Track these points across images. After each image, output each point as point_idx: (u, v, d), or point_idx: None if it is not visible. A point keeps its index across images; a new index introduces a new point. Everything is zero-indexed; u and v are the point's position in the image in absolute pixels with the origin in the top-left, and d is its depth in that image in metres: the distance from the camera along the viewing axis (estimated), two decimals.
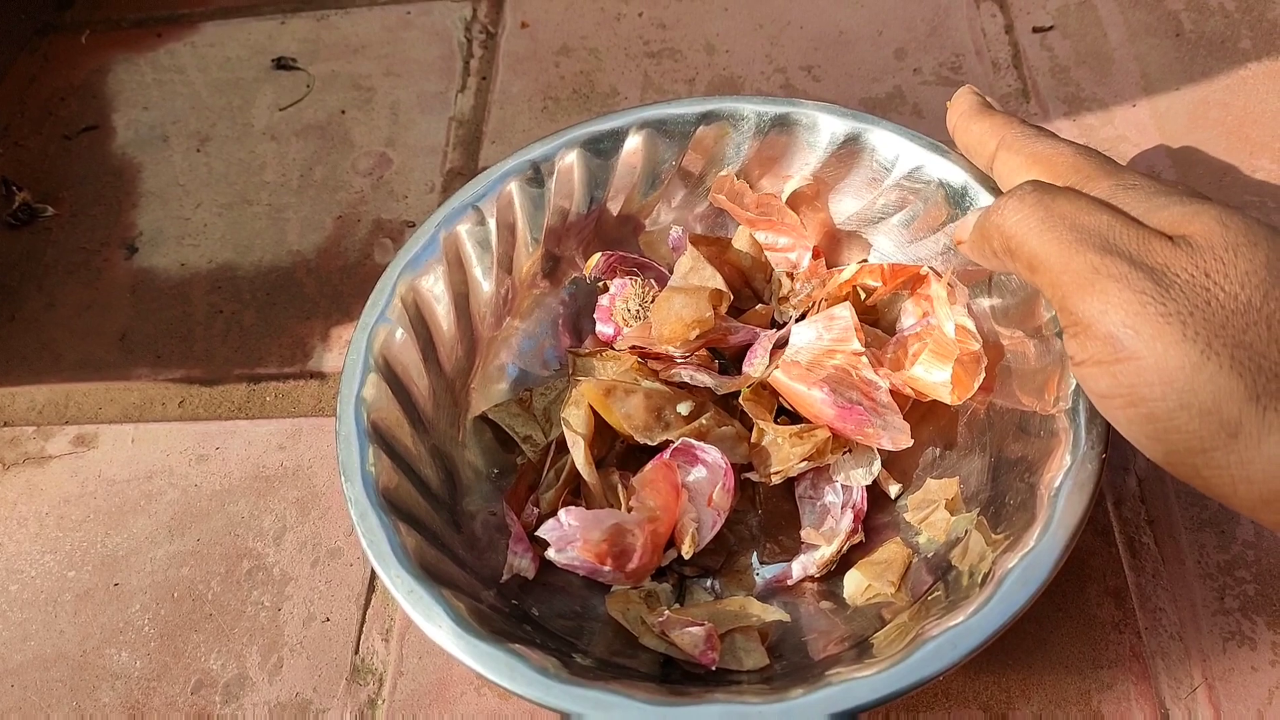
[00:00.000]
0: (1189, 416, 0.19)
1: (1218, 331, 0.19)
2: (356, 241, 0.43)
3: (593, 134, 0.34)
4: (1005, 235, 0.23)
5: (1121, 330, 0.20)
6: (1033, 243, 0.22)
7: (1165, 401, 0.20)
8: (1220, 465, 0.20)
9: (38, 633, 0.34)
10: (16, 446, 0.39)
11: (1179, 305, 0.20)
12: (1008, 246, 0.23)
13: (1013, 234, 0.23)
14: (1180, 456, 0.20)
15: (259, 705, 0.32)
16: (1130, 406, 0.20)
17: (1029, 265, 0.23)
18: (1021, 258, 0.23)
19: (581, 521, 0.28)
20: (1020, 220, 0.23)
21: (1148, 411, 0.20)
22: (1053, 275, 0.22)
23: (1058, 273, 0.22)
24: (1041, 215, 0.22)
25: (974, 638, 0.23)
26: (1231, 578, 0.31)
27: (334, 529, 0.35)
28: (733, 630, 0.28)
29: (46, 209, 0.46)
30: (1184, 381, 0.19)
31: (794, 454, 0.29)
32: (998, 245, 0.24)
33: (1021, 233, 0.23)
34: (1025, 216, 0.23)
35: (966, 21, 0.47)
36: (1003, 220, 0.23)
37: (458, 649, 0.24)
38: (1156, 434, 0.20)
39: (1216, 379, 0.19)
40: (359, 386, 0.28)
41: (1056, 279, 0.22)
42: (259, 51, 0.51)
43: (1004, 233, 0.23)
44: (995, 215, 0.24)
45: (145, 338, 0.41)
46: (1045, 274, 0.22)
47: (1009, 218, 0.23)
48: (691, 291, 0.31)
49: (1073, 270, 0.21)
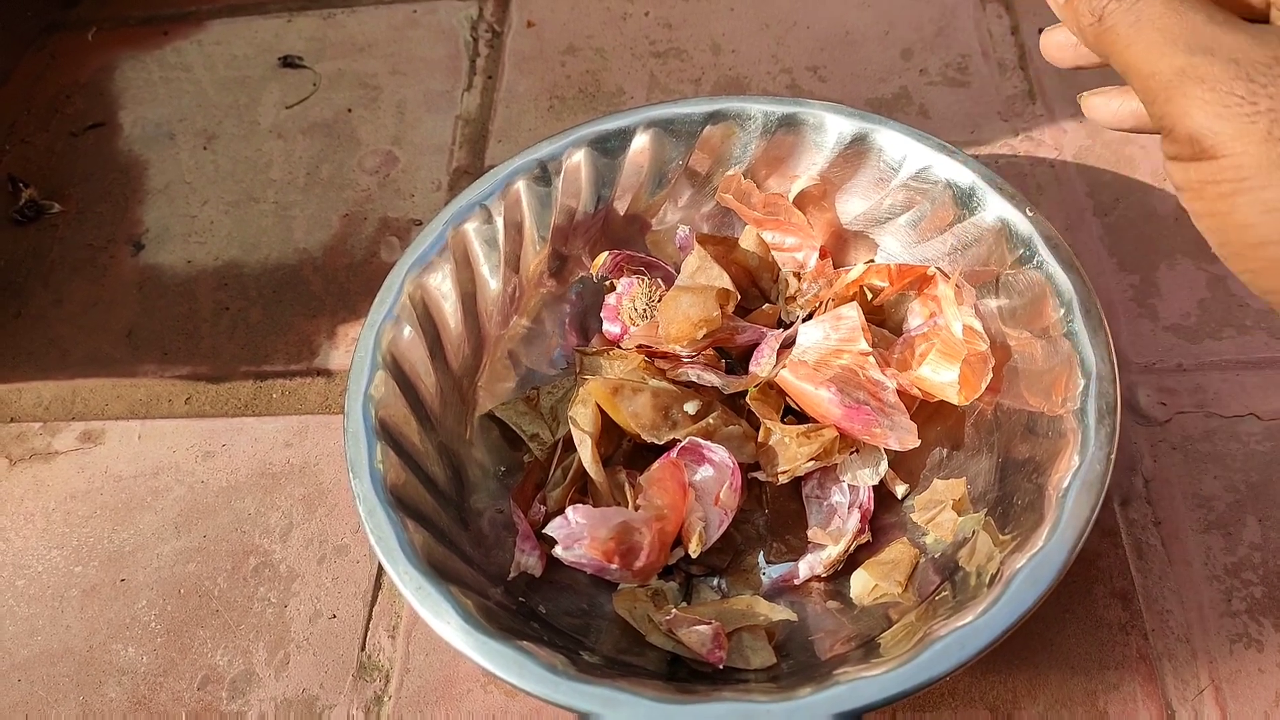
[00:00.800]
0: (1254, 211, 0.20)
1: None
2: (363, 239, 0.43)
3: (600, 133, 0.34)
4: (1098, 33, 0.23)
5: (1203, 130, 0.20)
6: (1122, 46, 0.22)
7: (1233, 197, 0.20)
8: (1273, 258, 0.20)
9: (44, 628, 0.34)
10: (23, 442, 0.39)
11: (1273, 103, 0.20)
12: (1100, 47, 0.23)
13: (1105, 33, 0.23)
14: (1237, 248, 0.21)
15: (265, 701, 0.32)
16: (1200, 199, 0.21)
17: (1121, 67, 0.23)
18: (1114, 59, 0.23)
19: (589, 519, 0.28)
20: (1112, 19, 0.23)
21: (1214, 206, 0.21)
22: (1141, 79, 0.22)
23: (1146, 76, 0.22)
24: (1131, 16, 0.22)
25: (982, 638, 0.23)
26: (1239, 580, 0.31)
27: (340, 526, 0.35)
28: (740, 629, 0.28)
29: (53, 206, 0.47)
30: (1257, 179, 0.19)
31: (801, 454, 0.29)
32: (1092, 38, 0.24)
33: (1113, 34, 0.23)
34: (1117, 15, 0.23)
35: (973, 22, 0.47)
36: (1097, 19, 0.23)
37: (466, 646, 0.24)
38: (1218, 226, 0.21)
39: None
40: (367, 384, 0.28)
41: (1145, 83, 0.22)
42: (265, 49, 0.51)
43: (1098, 36, 0.23)
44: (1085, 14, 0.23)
45: (152, 334, 0.41)
46: (1135, 79, 0.22)
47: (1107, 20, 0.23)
48: (698, 291, 0.31)
49: (1160, 73, 0.21)
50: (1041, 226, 0.29)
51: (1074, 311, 0.27)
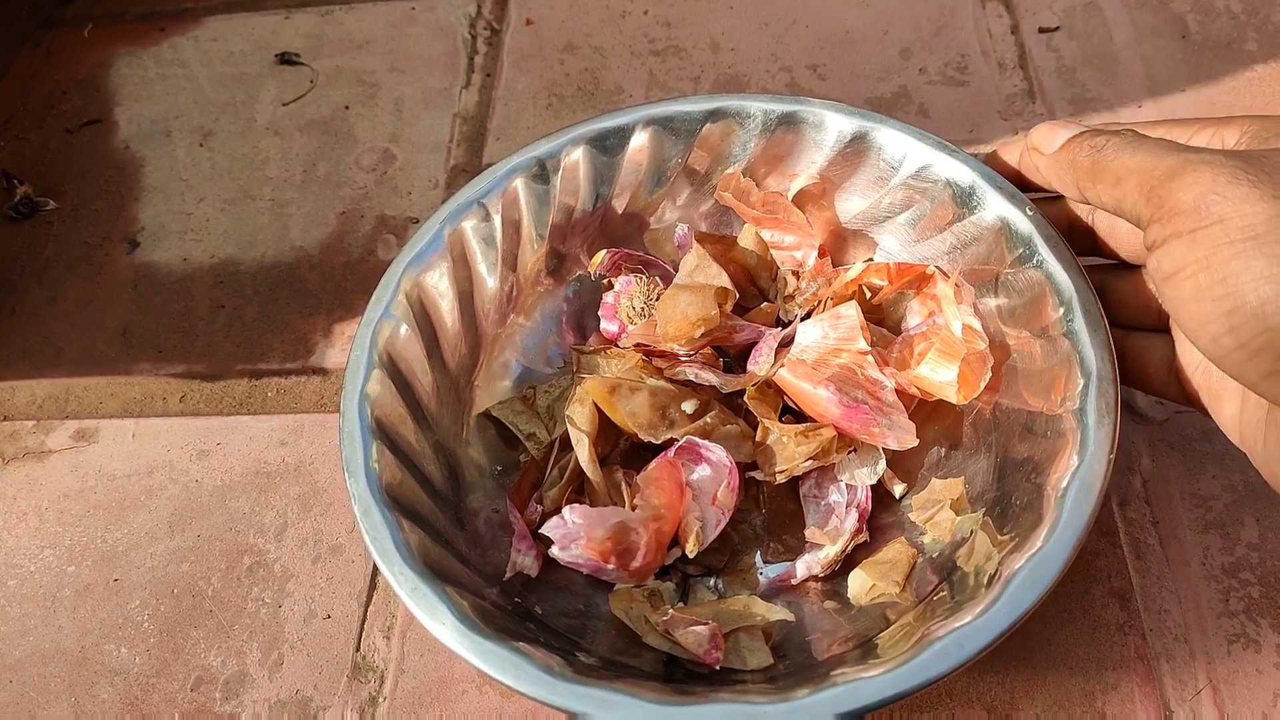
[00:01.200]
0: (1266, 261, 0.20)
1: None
2: (359, 237, 0.43)
3: (599, 131, 0.33)
4: (1094, 160, 0.25)
5: (1209, 198, 0.21)
6: (1123, 159, 0.24)
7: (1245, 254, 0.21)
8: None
9: (36, 628, 0.34)
10: (16, 441, 0.39)
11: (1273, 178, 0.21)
12: (1094, 170, 0.25)
13: (1102, 158, 0.25)
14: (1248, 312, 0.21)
15: (259, 702, 0.31)
16: (1204, 271, 0.22)
17: (1115, 179, 0.24)
18: (1108, 176, 0.25)
19: (585, 519, 0.28)
20: (1113, 149, 0.25)
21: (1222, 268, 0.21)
22: (1143, 175, 0.23)
23: (1148, 172, 0.23)
24: (1135, 143, 0.24)
25: (981, 639, 0.23)
26: (1236, 580, 0.31)
27: (335, 525, 0.35)
28: (737, 629, 0.28)
29: (48, 203, 0.46)
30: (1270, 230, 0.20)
31: (799, 453, 0.29)
32: (1086, 165, 0.25)
33: (1112, 156, 0.25)
34: (1118, 145, 0.25)
35: (972, 21, 0.47)
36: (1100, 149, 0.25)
37: (461, 646, 0.24)
38: (1227, 292, 0.21)
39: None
40: (363, 382, 0.28)
41: (1147, 178, 0.23)
42: (262, 46, 0.51)
43: (1094, 164, 0.25)
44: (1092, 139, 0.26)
45: (147, 332, 0.41)
46: (1135, 178, 0.24)
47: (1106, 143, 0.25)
48: (697, 289, 0.31)
49: (1165, 166, 0.23)
50: (1041, 226, 0.29)
51: (1074, 311, 0.27)
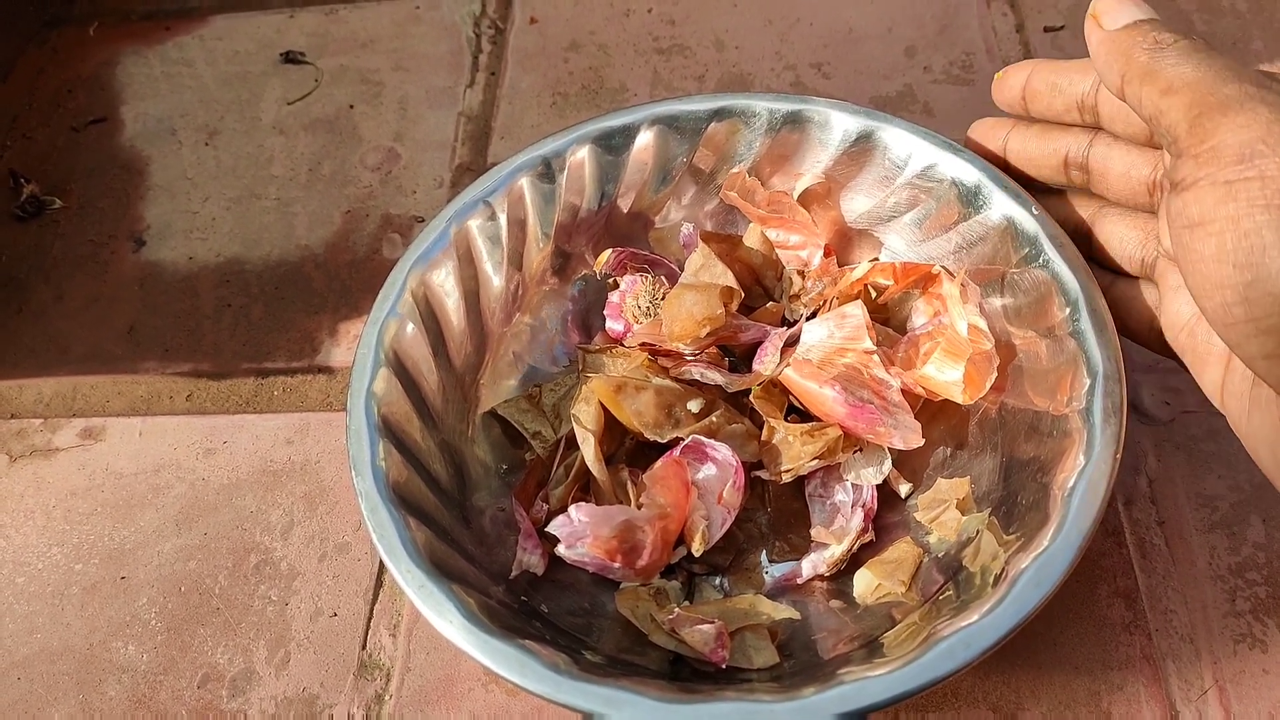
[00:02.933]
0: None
1: None
2: (365, 236, 0.43)
3: (604, 130, 0.33)
4: (1153, 57, 0.23)
5: (1258, 147, 0.20)
6: (1183, 68, 0.22)
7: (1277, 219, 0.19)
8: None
9: (44, 625, 0.34)
10: (24, 439, 0.39)
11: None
12: (1150, 69, 0.23)
13: (1162, 58, 0.23)
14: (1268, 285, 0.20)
15: (266, 700, 0.31)
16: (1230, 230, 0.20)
17: (1166, 87, 0.22)
18: (1160, 80, 0.22)
19: (591, 518, 0.28)
20: (1176, 51, 0.22)
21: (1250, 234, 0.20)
22: (1197, 94, 0.21)
23: (1203, 93, 0.21)
24: (1201, 54, 0.22)
25: (987, 638, 0.23)
26: (1243, 580, 0.31)
27: (342, 524, 0.35)
28: (742, 628, 0.28)
29: (54, 201, 0.46)
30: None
31: (805, 452, 0.29)
32: (1142, 60, 0.23)
33: (1172, 60, 0.22)
34: (1183, 50, 0.22)
35: (977, 20, 0.47)
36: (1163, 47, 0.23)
37: (468, 644, 0.24)
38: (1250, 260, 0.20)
39: None
40: (369, 381, 0.28)
41: (1200, 98, 0.21)
42: (267, 45, 0.51)
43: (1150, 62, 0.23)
44: (1158, 33, 0.23)
45: (153, 331, 0.41)
46: (1185, 94, 0.22)
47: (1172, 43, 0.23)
48: (702, 289, 0.31)
49: (1222, 94, 0.21)
50: (1047, 225, 0.29)
51: (1080, 310, 0.27)
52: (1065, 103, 0.29)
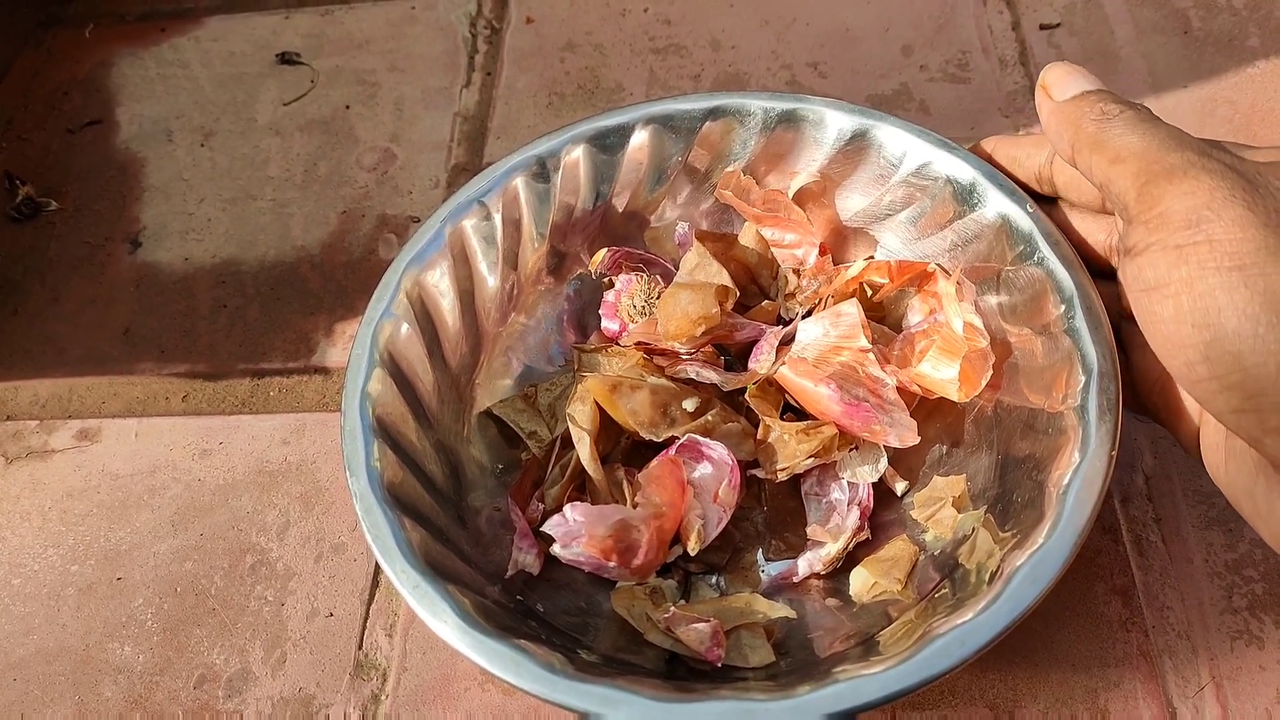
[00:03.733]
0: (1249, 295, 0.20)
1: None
2: (361, 237, 0.43)
3: (599, 129, 0.33)
4: (1100, 128, 0.24)
5: (1203, 212, 0.21)
6: (1129, 138, 0.23)
7: (1229, 282, 0.20)
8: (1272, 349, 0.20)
9: (40, 627, 0.34)
10: (19, 440, 0.39)
11: (1268, 204, 0.20)
12: (1097, 139, 0.24)
13: (1108, 128, 0.23)
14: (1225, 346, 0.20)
15: (262, 700, 0.31)
16: (1186, 293, 0.21)
17: (1114, 156, 0.23)
18: (1108, 150, 0.23)
19: (587, 517, 0.28)
20: (1122, 122, 0.23)
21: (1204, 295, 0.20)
22: (1142, 163, 0.22)
23: (1149, 162, 0.22)
24: (1146, 124, 0.23)
25: (982, 635, 0.23)
26: (1239, 576, 0.31)
27: (338, 524, 0.35)
28: (738, 627, 0.28)
29: (50, 203, 0.46)
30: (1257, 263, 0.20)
31: (800, 451, 0.29)
32: (1089, 131, 0.24)
33: (1117, 130, 0.23)
34: (1129, 120, 0.23)
35: (973, 18, 0.47)
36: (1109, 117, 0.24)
37: (463, 644, 0.24)
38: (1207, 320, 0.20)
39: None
40: (364, 381, 0.28)
41: (1145, 166, 0.22)
42: (263, 46, 0.51)
43: (1098, 132, 0.24)
44: (1105, 104, 0.24)
45: (149, 332, 0.41)
46: (1134, 163, 0.22)
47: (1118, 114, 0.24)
48: (697, 288, 0.31)
49: (1166, 162, 0.22)
50: (1041, 223, 0.29)
51: (1075, 308, 0.27)
52: (1025, 174, 0.30)
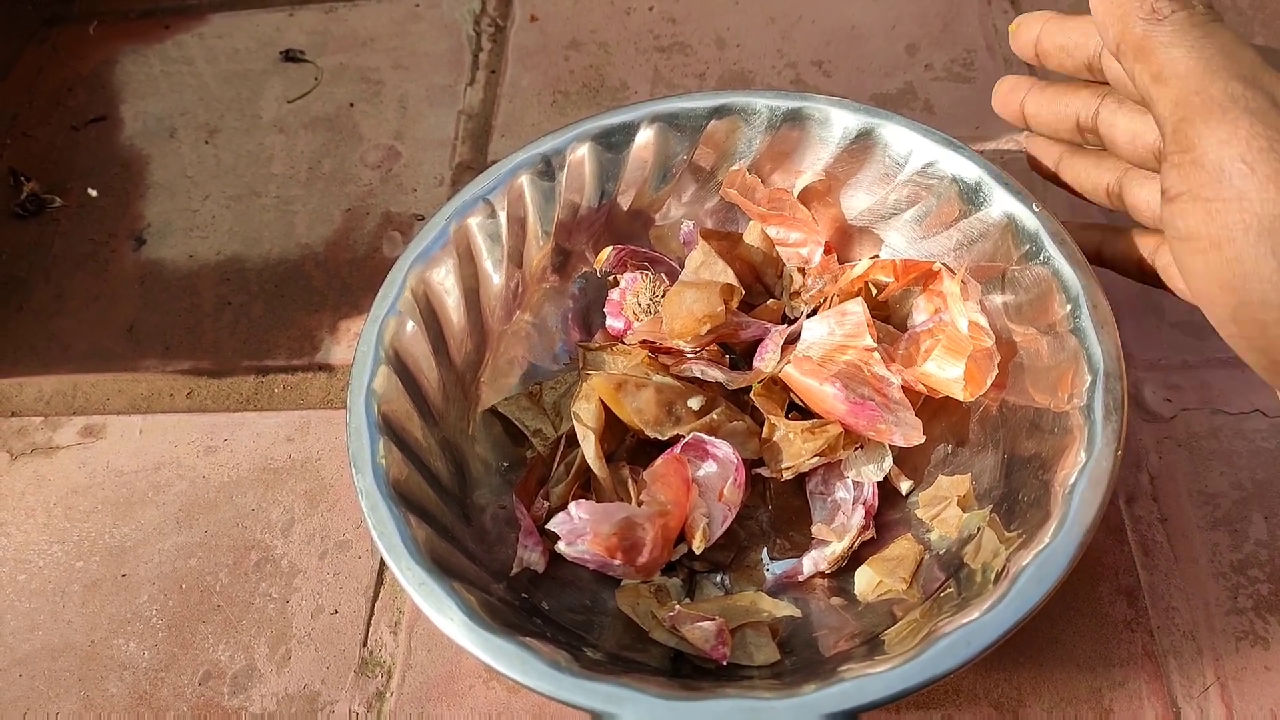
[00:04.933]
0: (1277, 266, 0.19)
1: None
2: (365, 234, 0.43)
3: (604, 127, 0.33)
4: (1147, 31, 0.21)
5: (1237, 165, 0.19)
6: (1174, 51, 0.21)
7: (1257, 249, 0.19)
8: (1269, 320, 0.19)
9: (46, 623, 0.34)
10: (24, 437, 0.39)
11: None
12: (1143, 45, 0.21)
13: (1156, 34, 0.21)
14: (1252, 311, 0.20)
15: (267, 697, 0.31)
16: (1214, 251, 0.20)
17: (1156, 72, 0.21)
18: (1152, 61, 0.21)
19: (592, 515, 0.28)
20: (1173, 26, 0.21)
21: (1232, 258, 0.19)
22: (1183, 92, 0.20)
23: (1190, 91, 0.20)
24: (1198, 30, 0.21)
25: (988, 635, 0.23)
26: (1245, 577, 0.31)
27: (342, 521, 0.35)
28: (743, 625, 0.28)
29: (54, 200, 0.46)
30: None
31: (805, 449, 0.29)
32: (1137, 33, 0.21)
33: (1166, 38, 0.21)
34: (1181, 24, 0.21)
35: (978, 18, 0.47)
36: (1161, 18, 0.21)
37: (469, 642, 0.24)
38: (1234, 284, 0.20)
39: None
40: (370, 378, 0.28)
41: (1185, 97, 0.20)
42: (267, 44, 0.51)
43: (1145, 36, 0.21)
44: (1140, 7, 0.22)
45: (153, 329, 0.41)
46: (1173, 86, 0.21)
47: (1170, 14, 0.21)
48: (703, 286, 0.31)
49: (1207, 93, 0.20)
50: (1048, 222, 0.29)
51: (1080, 307, 0.27)
52: (1075, 65, 0.28)
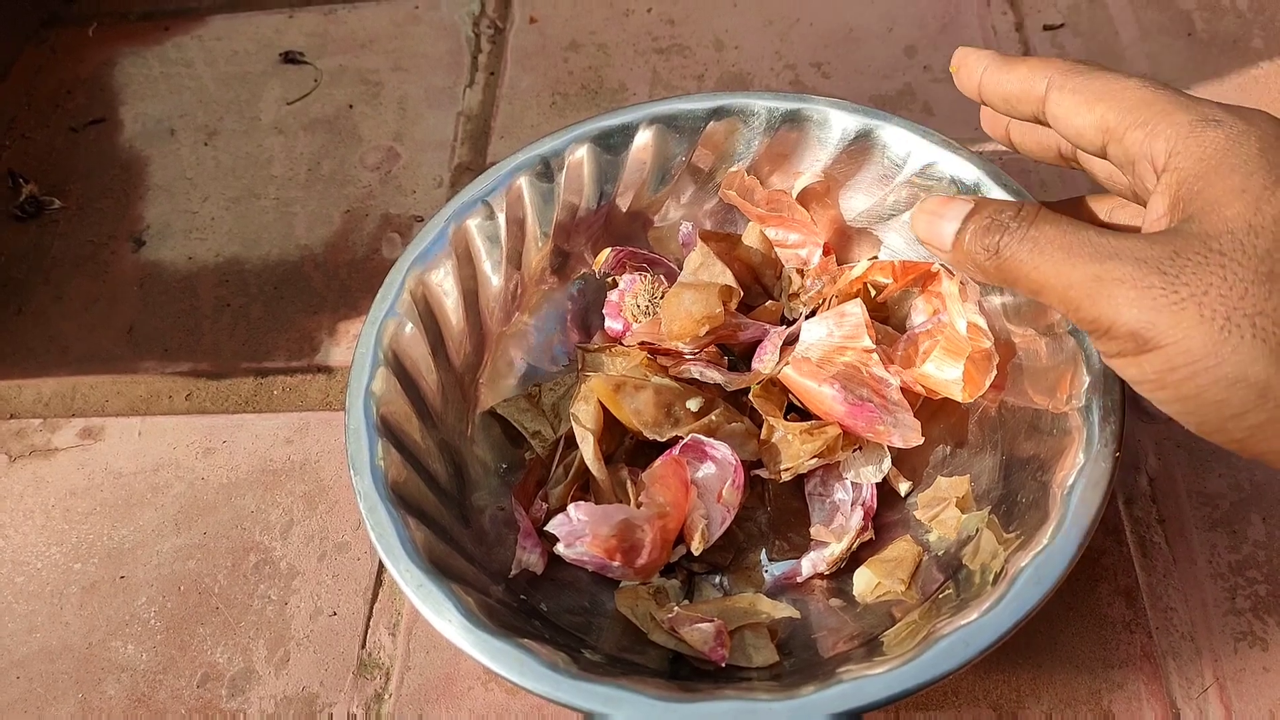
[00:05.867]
0: (1219, 389, 0.20)
1: (1236, 304, 0.20)
2: (364, 236, 0.43)
3: (603, 129, 0.33)
4: (998, 266, 0.23)
5: (1139, 325, 0.21)
6: (1028, 270, 0.23)
7: (1195, 380, 0.20)
8: (1254, 425, 0.20)
9: (43, 625, 0.34)
10: (23, 439, 0.39)
11: (1191, 289, 0.20)
12: (1003, 278, 0.24)
13: (1005, 265, 0.23)
14: (1216, 424, 0.21)
15: (265, 699, 0.31)
16: (1162, 389, 0.21)
17: (1031, 290, 0.23)
18: (1022, 285, 0.23)
19: (591, 517, 0.28)
20: (1009, 251, 0.23)
21: (1178, 392, 0.21)
22: (1059, 294, 0.22)
23: (1063, 291, 0.22)
24: (1029, 243, 0.23)
25: (987, 636, 0.23)
26: (1243, 578, 0.31)
27: (341, 523, 0.35)
28: (742, 627, 0.28)
29: (54, 201, 0.46)
30: (1209, 359, 0.20)
31: (804, 451, 0.29)
32: (992, 271, 0.24)
33: (1013, 264, 0.23)
34: (1013, 246, 0.23)
35: (977, 19, 0.47)
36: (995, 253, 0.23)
37: (467, 643, 0.24)
38: (1190, 410, 0.21)
39: (1240, 350, 0.20)
40: (368, 380, 0.28)
41: (1064, 296, 0.22)
42: (266, 45, 0.51)
43: (999, 269, 0.24)
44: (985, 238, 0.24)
45: (152, 331, 0.41)
46: (1052, 295, 0.23)
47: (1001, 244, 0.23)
48: (701, 287, 0.31)
49: (1076, 284, 0.22)
50: None
51: None
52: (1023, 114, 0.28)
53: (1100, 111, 0.24)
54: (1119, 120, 0.23)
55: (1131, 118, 0.23)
